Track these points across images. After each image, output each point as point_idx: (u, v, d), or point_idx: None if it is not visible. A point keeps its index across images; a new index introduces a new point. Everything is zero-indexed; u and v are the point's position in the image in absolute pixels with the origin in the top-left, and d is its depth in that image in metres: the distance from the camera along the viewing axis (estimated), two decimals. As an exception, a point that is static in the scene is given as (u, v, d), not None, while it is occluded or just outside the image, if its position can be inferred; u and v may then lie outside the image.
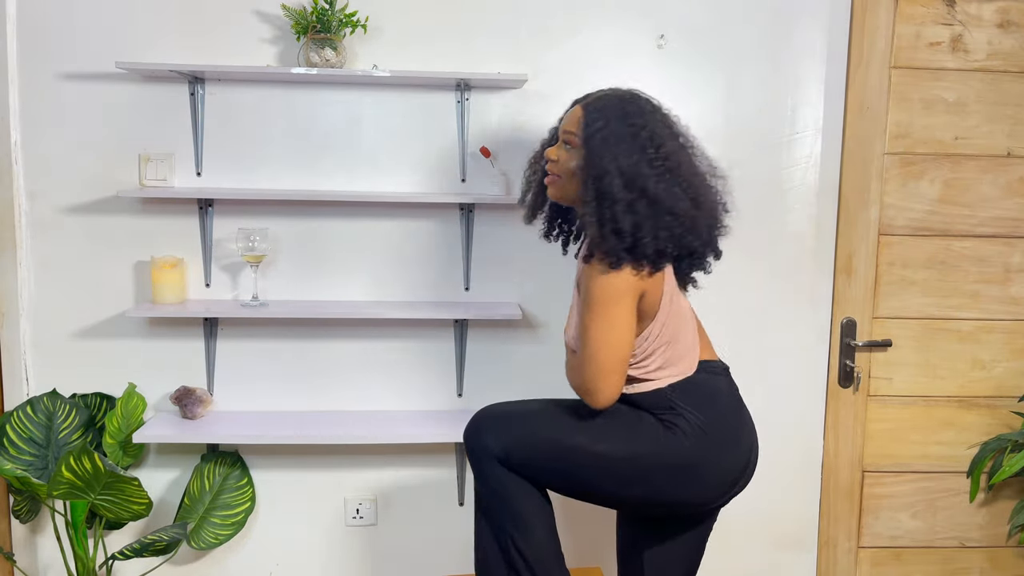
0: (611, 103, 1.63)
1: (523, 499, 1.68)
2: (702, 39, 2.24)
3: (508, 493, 1.67)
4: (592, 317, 1.57)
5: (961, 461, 2.42)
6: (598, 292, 1.55)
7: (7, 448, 2.10)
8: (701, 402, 1.66)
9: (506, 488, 1.67)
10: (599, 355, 1.56)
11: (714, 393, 1.70)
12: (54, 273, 2.22)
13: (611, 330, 1.55)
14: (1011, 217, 2.34)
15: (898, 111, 2.29)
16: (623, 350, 1.57)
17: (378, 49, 2.20)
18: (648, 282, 1.58)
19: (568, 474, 1.67)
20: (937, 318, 2.36)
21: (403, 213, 2.25)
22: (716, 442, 1.65)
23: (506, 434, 1.66)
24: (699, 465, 1.64)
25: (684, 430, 1.63)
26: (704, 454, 1.64)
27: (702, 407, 1.65)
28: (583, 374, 1.59)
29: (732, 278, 2.32)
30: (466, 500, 2.36)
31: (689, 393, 1.66)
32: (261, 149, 2.22)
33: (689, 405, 1.64)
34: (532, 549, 1.68)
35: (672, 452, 1.62)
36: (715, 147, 2.27)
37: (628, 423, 1.65)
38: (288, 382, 2.29)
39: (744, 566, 2.44)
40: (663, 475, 1.64)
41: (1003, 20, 2.27)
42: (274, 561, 2.34)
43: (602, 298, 1.55)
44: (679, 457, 1.63)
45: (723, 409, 1.69)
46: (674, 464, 1.63)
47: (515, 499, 1.67)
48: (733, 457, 1.68)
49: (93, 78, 2.16)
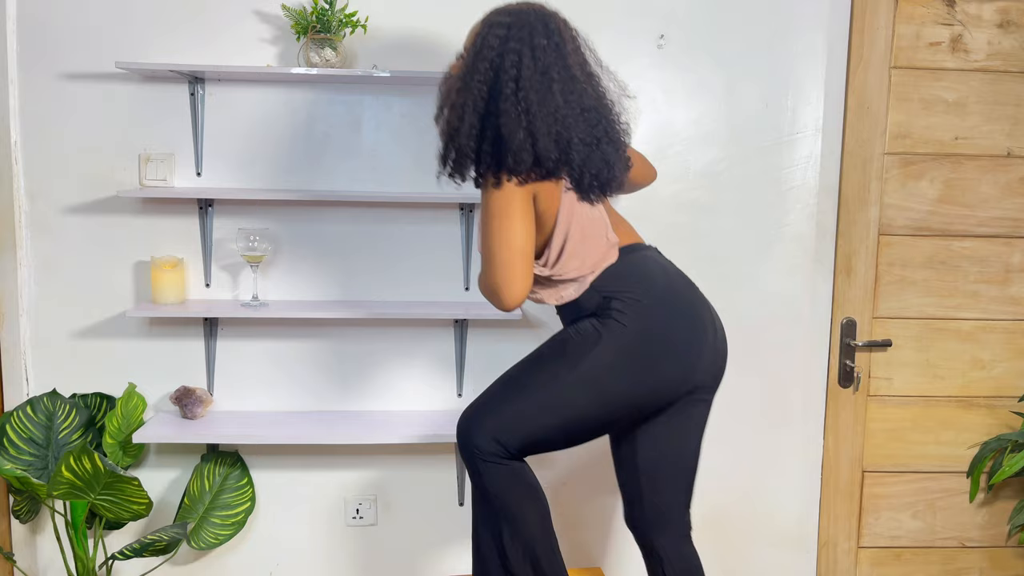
0: (497, 21, 1.65)
1: (517, 497, 1.69)
2: (702, 39, 2.24)
3: (501, 490, 1.68)
4: (489, 228, 1.61)
5: (961, 461, 2.42)
6: (490, 206, 1.60)
7: (7, 448, 2.10)
8: (630, 280, 1.68)
9: (498, 485, 1.68)
10: (500, 254, 1.59)
11: (642, 266, 1.71)
12: (54, 273, 2.22)
13: (508, 230, 1.59)
14: (1011, 217, 2.34)
15: (898, 111, 2.29)
16: (519, 242, 1.59)
17: (378, 49, 2.20)
18: (537, 185, 1.61)
19: (558, 426, 1.69)
20: (937, 318, 2.37)
21: (403, 213, 2.25)
22: (657, 308, 1.67)
23: (488, 425, 1.68)
24: (651, 339, 1.66)
25: (620, 310, 1.65)
26: (649, 323, 1.65)
27: (631, 284, 1.68)
28: (487, 276, 1.63)
29: (732, 278, 2.32)
30: (466, 500, 2.36)
31: (618, 276, 1.69)
32: (261, 149, 2.22)
33: (620, 288, 1.67)
34: (526, 545, 1.69)
35: (618, 338, 1.64)
36: (715, 147, 2.29)
37: (572, 343, 1.68)
38: (288, 382, 2.29)
39: (744, 566, 2.44)
40: (625, 366, 1.65)
41: (1003, 20, 2.27)
42: (274, 561, 2.34)
43: (494, 209, 1.60)
44: (628, 338, 1.65)
45: (653, 276, 1.71)
46: (628, 348, 1.65)
47: (508, 496, 1.68)
48: (684, 318, 1.69)
49: (93, 78, 2.16)
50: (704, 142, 2.29)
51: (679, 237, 2.30)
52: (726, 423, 2.37)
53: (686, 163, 2.28)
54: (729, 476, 2.38)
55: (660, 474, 1.79)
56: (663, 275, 1.73)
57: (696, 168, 2.29)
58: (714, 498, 2.40)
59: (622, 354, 1.65)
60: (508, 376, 1.74)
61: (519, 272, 1.60)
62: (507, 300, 1.61)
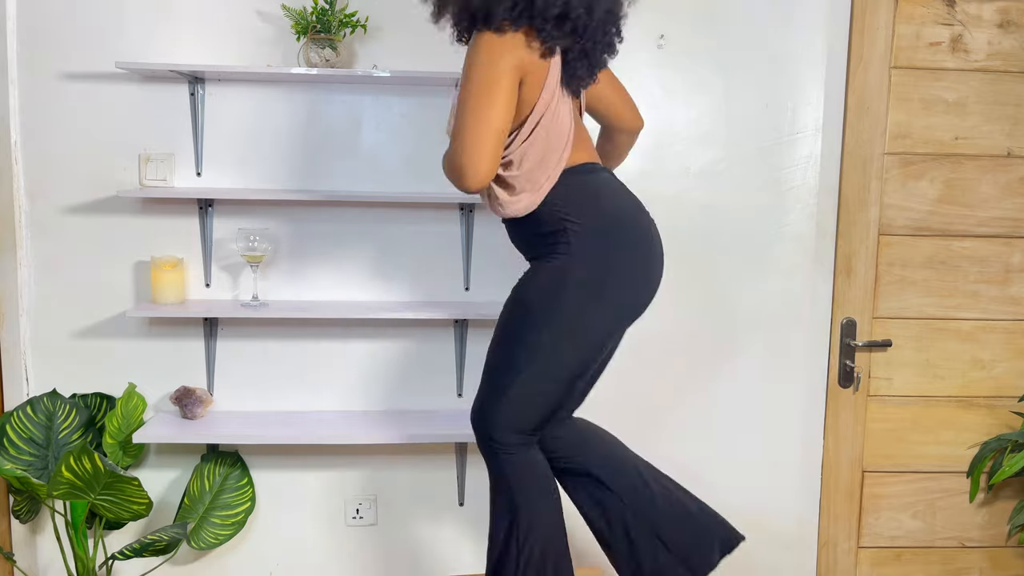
0: None
1: (536, 492, 1.70)
2: (702, 39, 2.24)
3: (521, 483, 1.69)
4: (469, 101, 1.52)
5: (961, 461, 2.42)
6: (475, 76, 1.53)
7: (7, 448, 2.10)
8: (585, 203, 1.66)
9: (519, 479, 1.69)
10: (475, 128, 1.51)
11: (594, 187, 1.69)
12: (54, 273, 2.22)
13: (489, 107, 1.52)
14: (1011, 217, 2.34)
15: (898, 111, 2.29)
16: (498, 123, 1.52)
17: (378, 49, 2.20)
18: (532, 62, 1.56)
19: (563, 387, 1.68)
20: (937, 318, 2.36)
21: (403, 213, 2.25)
22: (612, 231, 1.66)
23: (501, 419, 1.67)
24: (610, 268, 1.65)
25: (570, 242, 1.63)
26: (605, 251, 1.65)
27: (585, 207, 1.65)
28: (455, 152, 1.54)
29: (732, 278, 2.32)
30: (466, 500, 2.36)
31: (570, 199, 1.65)
32: (261, 149, 2.22)
33: (573, 212, 1.64)
34: (543, 540, 1.69)
35: (580, 268, 1.63)
36: (715, 147, 2.29)
37: (535, 304, 1.65)
38: (288, 382, 2.29)
39: (744, 566, 2.43)
40: (596, 305, 1.64)
41: (1003, 20, 2.27)
42: (274, 561, 2.34)
43: (480, 80, 1.52)
44: (587, 275, 1.63)
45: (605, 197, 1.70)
46: (591, 286, 1.63)
47: (527, 490, 1.69)
48: (638, 238, 1.70)
49: (93, 78, 2.16)
50: (704, 142, 2.28)
51: (679, 237, 2.30)
52: (726, 423, 2.37)
53: (686, 163, 2.28)
54: (729, 476, 2.38)
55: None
56: (615, 196, 1.71)
57: (696, 168, 2.29)
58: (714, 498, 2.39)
59: (587, 295, 1.64)
60: (495, 363, 1.71)
61: (489, 152, 1.51)
62: (471, 179, 1.52)
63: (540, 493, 1.71)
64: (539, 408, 1.68)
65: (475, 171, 1.52)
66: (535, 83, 1.59)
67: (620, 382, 2.34)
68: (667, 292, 2.32)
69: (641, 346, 2.33)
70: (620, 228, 1.68)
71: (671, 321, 2.32)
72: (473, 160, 1.51)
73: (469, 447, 2.32)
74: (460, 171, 1.53)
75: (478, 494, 2.35)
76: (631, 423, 2.36)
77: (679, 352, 2.34)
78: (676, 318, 2.32)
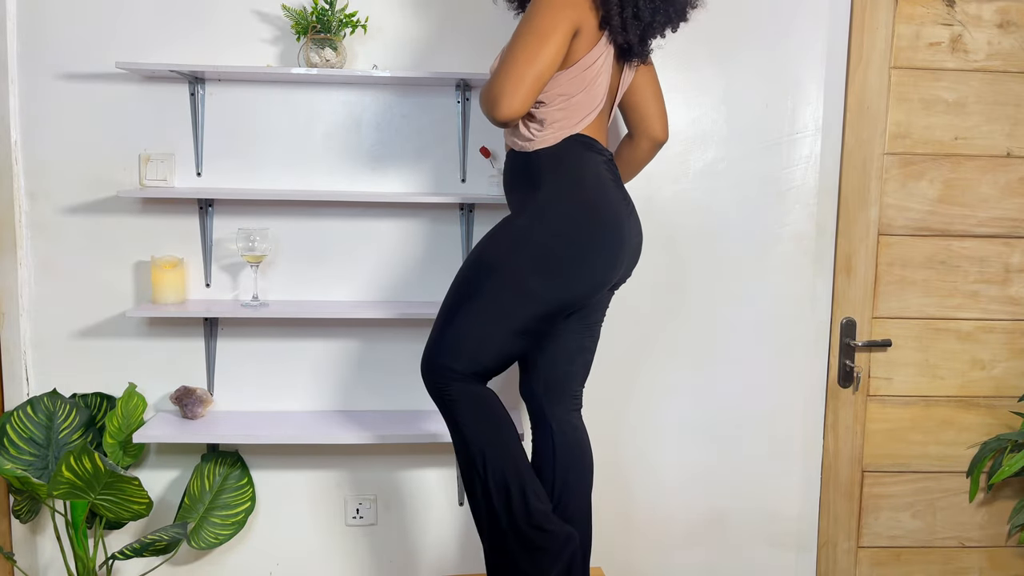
0: None
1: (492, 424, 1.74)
2: (702, 39, 2.24)
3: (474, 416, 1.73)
4: (521, 40, 1.59)
5: (961, 461, 2.42)
6: (534, 20, 1.59)
7: (7, 448, 2.10)
8: (569, 170, 1.71)
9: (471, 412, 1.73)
10: (519, 66, 1.57)
11: (582, 165, 1.73)
12: (54, 273, 2.22)
13: (539, 49, 1.58)
14: (1011, 217, 2.34)
15: (898, 111, 2.29)
16: (542, 66, 1.58)
17: (378, 49, 2.20)
18: (590, 24, 1.64)
19: (501, 334, 1.70)
20: (937, 318, 2.37)
21: (403, 213, 2.25)
22: (578, 211, 1.69)
23: (452, 353, 1.70)
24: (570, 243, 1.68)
25: (537, 201, 1.69)
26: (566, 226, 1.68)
27: (567, 176, 1.70)
28: (495, 81, 1.59)
29: (732, 278, 2.32)
30: (466, 500, 2.36)
31: (561, 161, 1.71)
32: (261, 149, 2.22)
33: (556, 176, 1.70)
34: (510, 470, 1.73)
35: (540, 233, 1.68)
36: (715, 147, 2.29)
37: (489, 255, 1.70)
38: (288, 382, 2.29)
39: (744, 566, 2.44)
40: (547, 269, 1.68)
41: (1003, 20, 2.27)
42: (274, 561, 2.34)
43: (536, 25, 1.58)
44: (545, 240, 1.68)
45: (588, 176, 1.73)
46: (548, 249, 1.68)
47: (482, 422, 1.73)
48: (604, 225, 1.71)
49: (93, 78, 2.16)
50: (704, 142, 2.29)
51: (679, 237, 2.30)
52: (726, 422, 2.37)
53: (686, 163, 2.28)
54: (729, 476, 2.39)
55: (561, 349, 1.86)
56: (600, 187, 1.74)
57: (696, 168, 2.29)
58: (714, 498, 2.40)
59: (541, 259, 1.68)
60: (446, 303, 1.75)
61: (527, 89, 1.57)
62: (504, 110, 1.57)
63: (491, 423, 1.73)
64: (483, 345, 1.70)
65: (509, 104, 1.57)
66: (586, 43, 1.66)
67: (620, 382, 2.34)
68: (667, 292, 2.33)
69: (641, 346, 2.34)
70: (590, 218, 1.71)
71: (671, 321, 2.32)
72: (509, 92, 1.57)
73: (469, 447, 2.32)
74: (495, 101, 1.58)
75: (478, 494, 2.35)
76: (631, 423, 2.36)
77: (679, 352, 2.34)
78: (676, 318, 2.32)
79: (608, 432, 2.34)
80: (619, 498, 2.37)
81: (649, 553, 2.40)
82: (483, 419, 1.73)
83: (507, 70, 1.58)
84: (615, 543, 2.38)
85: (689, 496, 2.39)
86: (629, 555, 2.39)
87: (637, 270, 2.27)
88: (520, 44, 1.59)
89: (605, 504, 2.33)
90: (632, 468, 2.37)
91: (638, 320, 2.32)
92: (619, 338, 2.31)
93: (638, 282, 2.23)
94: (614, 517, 2.37)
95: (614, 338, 2.29)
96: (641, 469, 2.37)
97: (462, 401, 1.72)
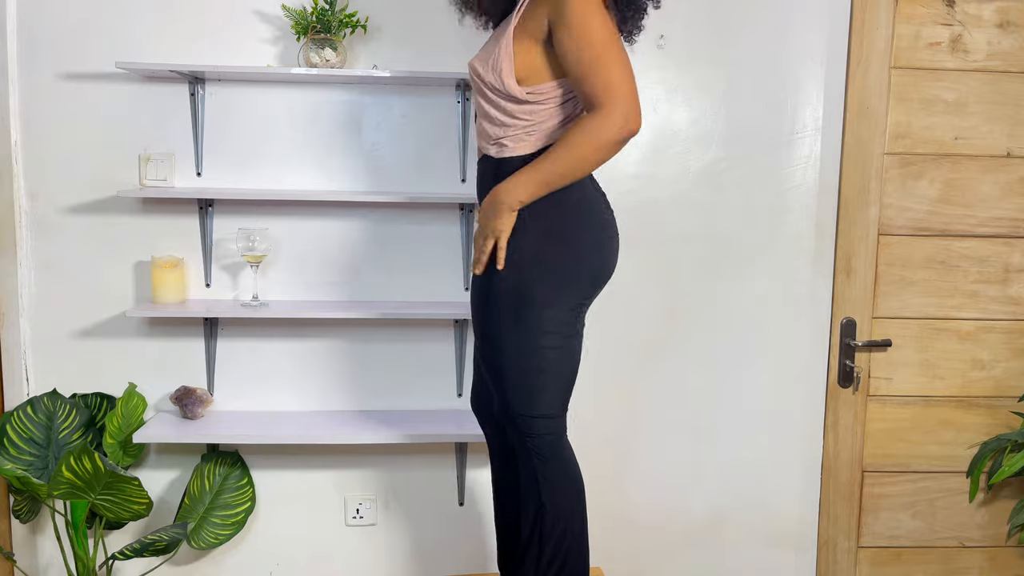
0: None
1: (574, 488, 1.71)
2: (702, 39, 2.24)
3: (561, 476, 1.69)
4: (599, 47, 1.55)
5: (961, 461, 2.42)
6: (597, 32, 1.55)
7: (7, 448, 2.10)
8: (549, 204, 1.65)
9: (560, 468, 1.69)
10: (623, 76, 1.55)
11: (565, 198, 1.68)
12: (54, 273, 2.22)
13: (619, 52, 1.57)
14: (1011, 217, 2.34)
15: (898, 111, 2.29)
16: (630, 67, 1.57)
17: (378, 49, 2.20)
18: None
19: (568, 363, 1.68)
20: (937, 318, 2.37)
21: (403, 213, 2.25)
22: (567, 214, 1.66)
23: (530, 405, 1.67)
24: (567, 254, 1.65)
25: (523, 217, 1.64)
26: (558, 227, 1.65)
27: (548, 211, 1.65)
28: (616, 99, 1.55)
29: (732, 278, 2.32)
30: (466, 500, 2.36)
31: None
32: (261, 149, 2.22)
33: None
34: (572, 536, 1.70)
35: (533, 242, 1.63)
36: (715, 147, 2.29)
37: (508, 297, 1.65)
38: (288, 382, 2.29)
39: (744, 566, 2.44)
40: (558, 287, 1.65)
41: (1003, 20, 2.28)
42: (274, 561, 2.34)
43: (604, 35, 1.55)
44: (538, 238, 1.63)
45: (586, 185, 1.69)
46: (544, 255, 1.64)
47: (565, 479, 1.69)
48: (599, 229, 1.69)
49: (93, 78, 2.16)
50: (704, 142, 2.29)
51: (679, 237, 2.30)
52: (726, 423, 2.37)
53: (686, 163, 2.29)
54: (729, 476, 2.39)
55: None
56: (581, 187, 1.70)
57: (696, 168, 2.29)
58: (714, 498, 2.40)
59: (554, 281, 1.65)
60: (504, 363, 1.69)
61: (637, 93, 1.57)
62: (637, 120, 1.56)
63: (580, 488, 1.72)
64: (554, 388, 1.68)
65: (636, 112, 1.56)
66: None
67: (620, 382, 2.34)
68: (668, 292, 2.33)
69: (640, 346, 2.34)
70: (580, 215, 1.68)
71: (671, 321, 2.33)
72: (633, 103, 1.55)
73: (469, 447, 2.32)
74: (627, 117, 1.55)
75: (478, 494, 2.35)
76: (631, 423, 2.36)
77: (679, 352, 2.34)
78: (675, 318, 2.32)
79: (608, 432, 2.34)
80: (619, 498, 2.37)
81: (649, 553, 2.40)
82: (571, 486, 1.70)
83: (620, 87, 1.55)
84: (615, 543, 2.38)
85: (689, 496, 2.39)
86: (629, 555, 2.39)
87: (637, 270, 2.27)
88: (608, 59, 1.55)
89: (605, 504, 2.33)
90: (632, 468, 2.37)
91: (638, 320, 2.32)
92: (619, 338, 2.31)
93: (638, 282, 2.23)
94: (614, 517, 2.37)
95: (614, 339, 2.29)
96: (641, 469, 2.37)
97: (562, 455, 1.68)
